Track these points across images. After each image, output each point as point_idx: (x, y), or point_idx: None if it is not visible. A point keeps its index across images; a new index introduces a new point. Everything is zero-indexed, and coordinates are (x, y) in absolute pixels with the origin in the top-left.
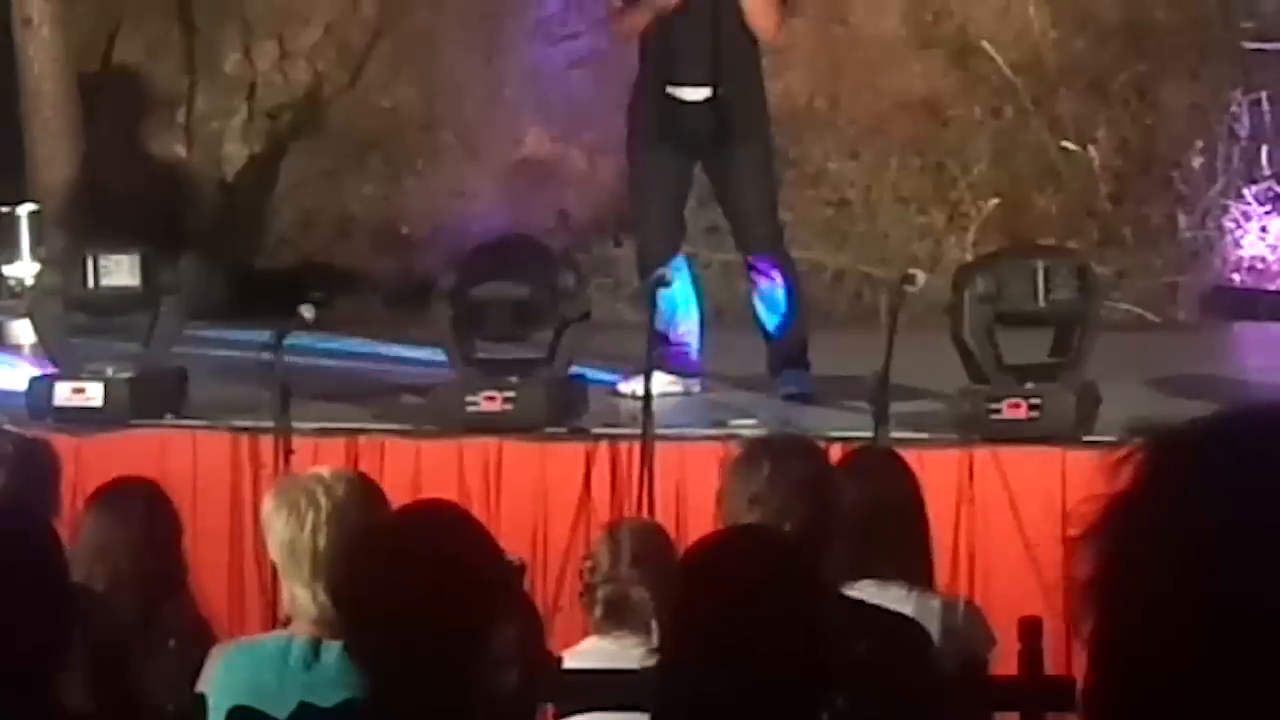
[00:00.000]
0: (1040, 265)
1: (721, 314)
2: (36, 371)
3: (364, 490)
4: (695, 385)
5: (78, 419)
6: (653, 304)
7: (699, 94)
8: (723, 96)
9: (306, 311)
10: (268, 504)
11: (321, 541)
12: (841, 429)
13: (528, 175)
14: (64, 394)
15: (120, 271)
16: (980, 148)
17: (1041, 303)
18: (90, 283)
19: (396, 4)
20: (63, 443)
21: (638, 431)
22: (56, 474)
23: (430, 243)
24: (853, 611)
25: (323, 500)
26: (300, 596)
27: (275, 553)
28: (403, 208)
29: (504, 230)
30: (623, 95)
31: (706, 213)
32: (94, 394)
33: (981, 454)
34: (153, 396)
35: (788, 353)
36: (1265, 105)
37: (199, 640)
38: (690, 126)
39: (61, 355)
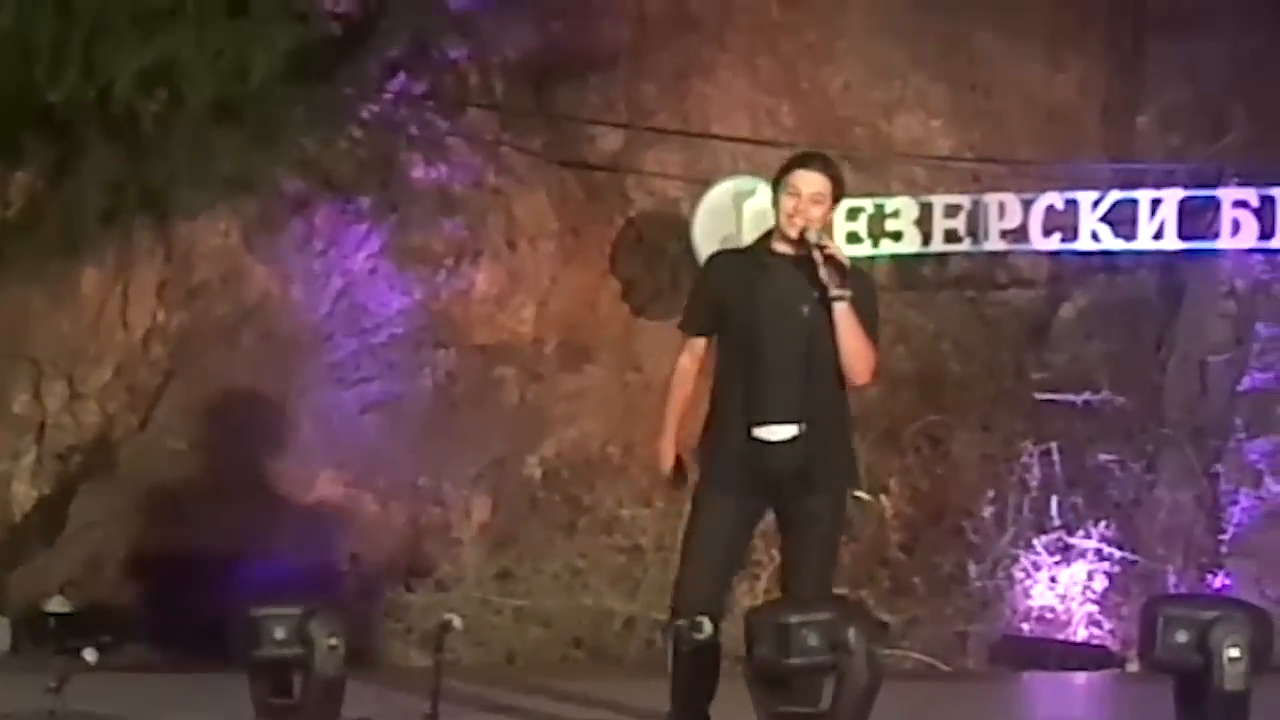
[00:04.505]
0: (794, 619)
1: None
2: None
3: None
4: None
5: None
6: (686, 642)
7: (784, 433)
8: (807, 435)
9: (89, 655)
10: None
11: None
12: None
13: (319, 518)
14: None
15: None
16: None
17: (793, 656)
18: None
19: (187, 347)
20: None
21: None
22: None
23: (221, 584)
24: None
25: None
26: None
27: None
28: (194, 549)
29: (296, 575)
30: (415, 440)
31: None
32: None
33: None
34: None
35: None
36: (1055, 456)
37: None
38: (772, 467)
39: None
